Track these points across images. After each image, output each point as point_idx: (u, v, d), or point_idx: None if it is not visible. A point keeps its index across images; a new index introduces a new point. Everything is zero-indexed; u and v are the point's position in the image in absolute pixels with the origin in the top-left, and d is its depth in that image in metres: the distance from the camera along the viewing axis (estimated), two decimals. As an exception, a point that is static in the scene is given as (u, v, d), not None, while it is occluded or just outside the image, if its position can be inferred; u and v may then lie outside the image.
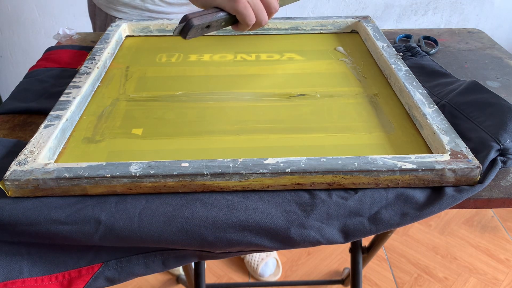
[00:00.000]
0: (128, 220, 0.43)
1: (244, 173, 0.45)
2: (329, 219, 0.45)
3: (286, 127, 0.55)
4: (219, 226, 0.43)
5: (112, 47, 0.72)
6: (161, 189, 0.46)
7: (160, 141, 0.53)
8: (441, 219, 1.51)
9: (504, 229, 1.48)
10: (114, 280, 0.47)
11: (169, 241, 0.44)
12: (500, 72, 0.70)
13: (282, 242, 0.45)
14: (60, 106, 0.55)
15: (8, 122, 0.58)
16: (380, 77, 0.66)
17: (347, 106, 0.60)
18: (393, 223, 0.45)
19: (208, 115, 0.58)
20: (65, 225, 0.43)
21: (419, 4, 1.64)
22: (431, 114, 0.53)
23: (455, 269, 1.33)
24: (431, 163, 0.46)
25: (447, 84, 0.63)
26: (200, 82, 0.65)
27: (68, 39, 0.80)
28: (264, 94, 0.62)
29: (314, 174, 0.45)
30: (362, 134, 0.54)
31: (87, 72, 0.63)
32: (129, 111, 0.59)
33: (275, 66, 0.70)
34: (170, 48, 0.76)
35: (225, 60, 0.72)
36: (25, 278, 0.44)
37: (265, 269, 1.31)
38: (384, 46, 0.70)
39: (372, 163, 0.46)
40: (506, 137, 0.50)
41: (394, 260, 1.37)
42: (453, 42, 0.81)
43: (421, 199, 0.46)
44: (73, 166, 0.45)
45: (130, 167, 0.45)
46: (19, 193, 0.45)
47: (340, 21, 0.81)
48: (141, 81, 0.66)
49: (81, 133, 0.54)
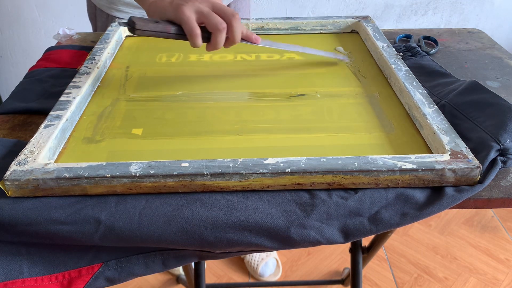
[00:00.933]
0: (128, 220, 0.43)
1: (244, 173, 0.45)
2: (329, 219, 0.45)
3: (286, 127, 0.55)
4: (219, 226, 0.43)
5: (112, 47, 0.72)
6: (161, 189, 0.46)
7: (160, 141, 0.53)
8: (441, 219, 1.51)
9: (504, 229, 1.48)
10: (114, 280, 0.47)
11: (169, 241, 0.44)
12: (500, 72, 0.70)
13: (282, 242, 0.44)
14: (60, 106, 0.55)
15: (8, 122, 0.58)
16: (380, 77, 0.66)
17: (347, 106, 0.60)
18: (393, 223, 0.45)
19: (208, 115, 0.58)
20: (65, 225, 0.43)
21: (419, 4, 1.64)
22: (431, 114, 0.53)
23: (455, 269, 1.33)
24: (431, 163, 0.46)
25: (447, 84, 0.63)
26: (200, 82, 0.65)
27: (68, 39, 0.80)
28: (264, 94, 0.62)
29: (314, 174, 0.45)
30: (362, 134, 0.54)
31: (87, 72, 0.63)
32: (129, 111, 0.58)
33: (275, 66, 0.70)
34: (170, 48, 0.76)
35: (225, 60, 0.72)
36: (25, 278, 0.44)
37: (265, 269, 1.31)
38: (384, 46, 0.70)
39: (372, 163, 0.46)
40: (506, 137, 0.50)
41: (394, 260, 1.37)
42: (453, 42, 0.81)
43: (421, 199, 0.46)
44: (73, 166, 0.45)
45: (130, 167, 0.45)
46: (19, 193, 0.45)
47: (340, 21, 0.81)
48: (141, 81, 0.66)
49: (81, 133, 0.54)
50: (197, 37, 0.55)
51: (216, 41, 0.56)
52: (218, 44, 0.56)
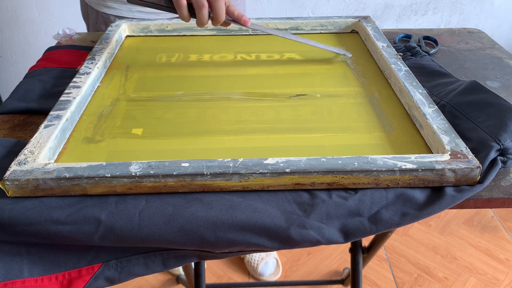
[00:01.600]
0: (128, 220, 0.43)
1: (244, 173, 0.45)
2: (329, 219, 0.45)
3: (286, 127, 0.55)
4: (219, 226, 0.43)
5: (112, 47, 0.72)
6: (161, 189, 0.46)
7: (160, 141, 0.53)
8: (441, 219, 1.51)
9: (504, 229, 1.48)
10: (114, 280, 0.47)
11: (169, 241, 0.44)
12: (500, 72, 0.70)
13: (282, 242, 0.44)
14: (60, 106, 0.55)
15: (8, 122, 0.58)
16: (380, 77, 0.66)
17: (347, 106, 0.60)
18: (393, 223, 0.45)
19: (208, 115, 0.58)
20: (65, 225, 0.43)
21: (419, 4, 1.64)
22: (431, 114, 0.53)
23: (455, 269, 1.33)
24: (431, 163, 0.46)
25: (447, 84, 0.63)
26: (200, 82, 0.65)
27: (68, 39, 0.80)
28: (264, 94, 0.62)
29: (314, 174, 0.45)
30: (362, 134, 0.54)
31: (87, 72, 0.63)
32: (129, 111, 0.58)
33: (275, 66, 0.70)
34: (170, 48, 0.76)
35: (225, 60, 0.72)
36: (25, 278, 0.44)
37: (265, 268, 1.31)
38: (384, 46, 0.70)
39: (372, 163, 0.46)
40: (506, 137, 0.50)
41: (394, 260, 1.37)
42: (453, 42, 0.81)
43: (421, 199, 0.46)
44: (73, 166, 0.45)
45: (130, 167, 0.45)
46: (19, 193, 0.45)
47: (340, 21, 0.81)
48: (141, 81, 0.66)
49: (81, 133, 0.54)
50: (183, 7, 0.61)
51: (199, 17, 0.61)
52: (202, 20, 0.61)
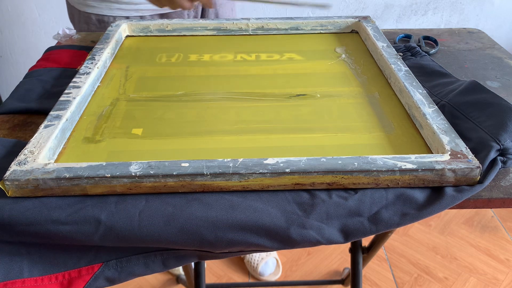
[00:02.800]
0: (128, 220, 0.43)
1: (244, 173, 0.45)
2: (329, 219, 0.45)
3: (286, 127, 0.55)
4: (219, 226, 0.43)
5: (112, 47, 0.72)
6: (161, 189, 0.46)
7: (160, 141, 0.53)
8: (441, 219, 1.51)
9: (504, 229, 1.48)
10: (114, 280, 0.47)
11: (169, 241, 0.44)
12: (500, 72, 0.70)
13: (282, 242, 0.44)
14: (60, 106, 0.55)
15: (8, 122, 0.58)
16: (380, 77, 0.66)
17: (347, 106, 0.60)
18: (393, 223, 0.45)
19: (208, 115, 0.58)
20: (65, 225, 0.43)
21: (419, 4, 1.64)
22: (431, 114, 0.53)
23: (455, 269, 1.33)
24: (431, 163, 0.46)
25: (447, 84, 0.63)
26: (200, 82, 0.65)
27: (68, 39, 0.80)
28: (264, 94, 0.62)
29: (314, 174, 0.45)
30: (362, 134, 0.54)
31: (87, 72, 0.63)
32: (129, 111, 0.59)
33: (275, 66, 0.70)
34: (170, 48, 0.76)
35: (225, 60, 0.72)
36: (25, 278, 0.44)
37: (265, 268, 1.31)
38: (384, 46, 0.70)
39: (372, 163, 0.46)
40: (506, 137, 0.50)
41: (394, 260, 1.37)
42: (453, 42, 0.81)
43: (421, 199, 0.46)
44: (73, 166, 0.45)
45: (130, 167, 0.45)
46: (19, 193, 0.45)
47: (340, 21, 0.81)
48: (141, 81, 0.66)
49: (81, 133, 0.54)
50: None
51: None
52: None
